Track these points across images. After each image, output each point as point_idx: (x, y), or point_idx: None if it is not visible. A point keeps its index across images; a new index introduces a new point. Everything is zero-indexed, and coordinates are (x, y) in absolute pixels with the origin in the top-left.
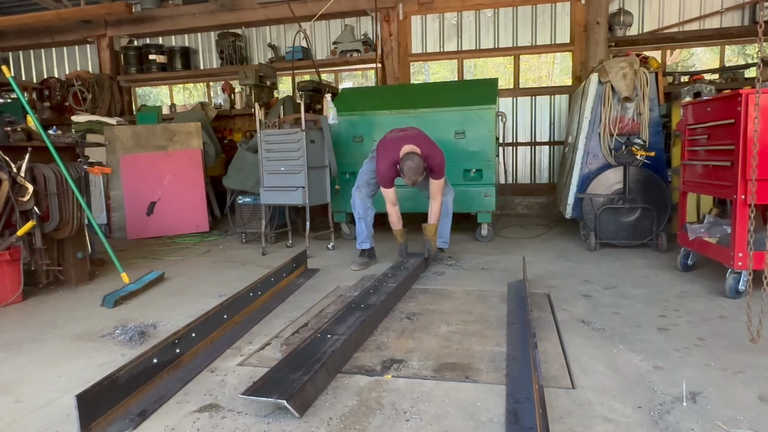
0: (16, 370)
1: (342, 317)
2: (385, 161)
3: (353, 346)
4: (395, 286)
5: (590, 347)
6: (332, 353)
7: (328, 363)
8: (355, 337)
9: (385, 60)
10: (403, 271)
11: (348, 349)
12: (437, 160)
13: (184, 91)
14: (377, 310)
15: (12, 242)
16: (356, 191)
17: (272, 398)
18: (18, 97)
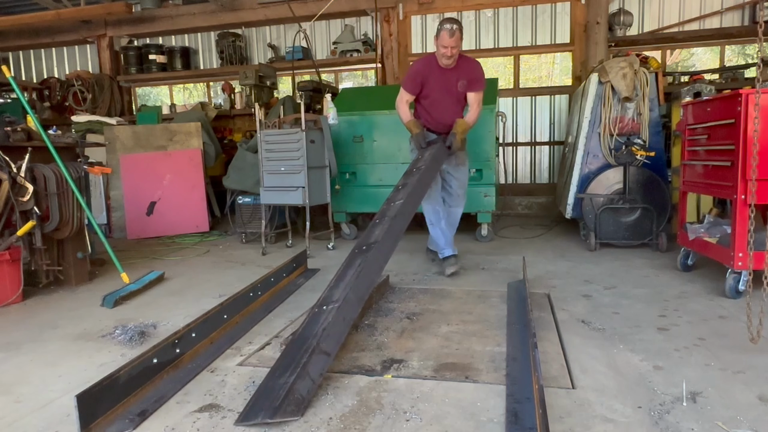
0: (16, 370)
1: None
2: (415, 63)
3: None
4: (422, 171)
5: (590, 347)
6: (327, 326)
7: (321, 344)
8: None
9: (385, 60)
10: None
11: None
12: (477, 67)
13: (184, 91)
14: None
15: (12, 242)
16: (428, 205)
17: (258, 419)
18: (18, 97)
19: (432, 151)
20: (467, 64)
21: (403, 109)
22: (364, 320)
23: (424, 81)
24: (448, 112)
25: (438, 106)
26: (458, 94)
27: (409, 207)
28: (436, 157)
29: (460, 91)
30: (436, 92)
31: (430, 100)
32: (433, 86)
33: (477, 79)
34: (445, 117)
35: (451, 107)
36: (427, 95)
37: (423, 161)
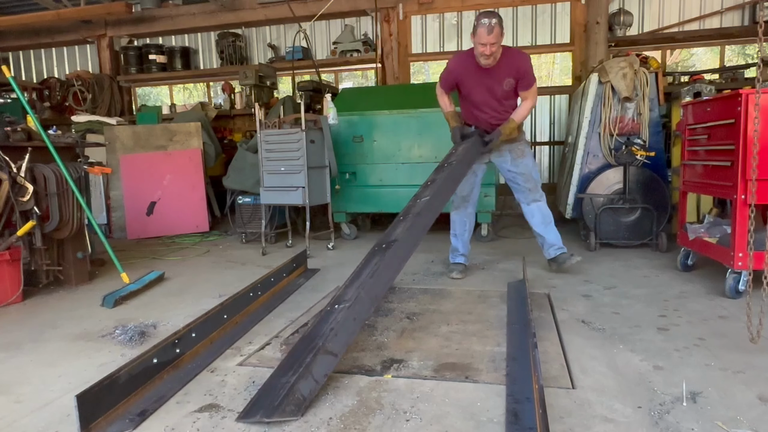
0: (16, 370)
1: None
2: (451, 60)
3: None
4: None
5: (590, 347)
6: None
7: (327, 344)
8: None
9: (385, 60)
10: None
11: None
12: (525, 61)
13: (184, 91)
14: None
15: (12, 242)
16: (454, 211)
17: (257, 417)
18: (18, 97)
19: (466, 145)
20: (511, 60)
21: (442, 100)
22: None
23: (460, 81)
24: (494, 114)
25: (481, 108)
26: (504, 93)
27: (435, 204)
28: (469, 152)
29: (506, 90)
30: (477, 94)
31: (472, 102)
32: (473, 87)
33: (524, 75)
34: (492, 119)
35: (497, 109)
36: (467, 96)
37: (455, 156)
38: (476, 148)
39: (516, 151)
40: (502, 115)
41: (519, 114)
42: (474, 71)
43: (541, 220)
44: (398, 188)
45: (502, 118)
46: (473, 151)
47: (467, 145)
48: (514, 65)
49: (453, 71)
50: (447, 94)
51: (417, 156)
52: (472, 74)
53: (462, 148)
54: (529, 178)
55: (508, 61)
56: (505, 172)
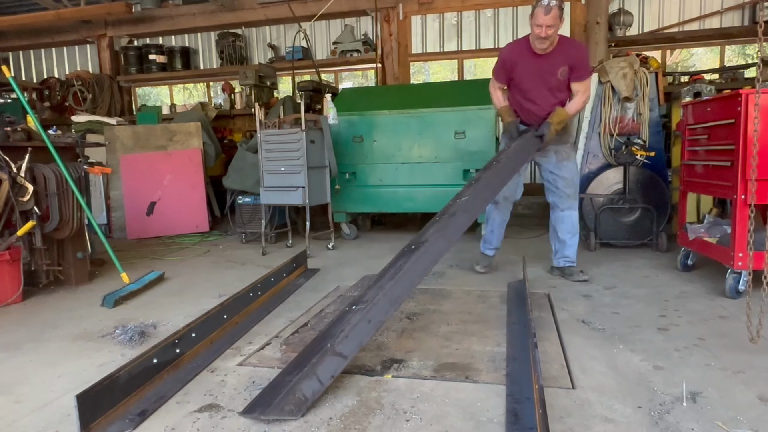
0: (16, 370)
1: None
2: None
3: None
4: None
5: (590, 347)
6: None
7: (336, 346)
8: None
9: (385, 60)
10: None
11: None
12: (582, 51)
13: (184, 91)
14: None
15: (12, 242)
16: (493, 205)
17: (256, 413)
18: (18, 97)
19: (520, 141)
20: (568, 48)
21: (495, 95)
22: None
23: (513, 69)
24: (544, 106)
25: (532, 98)
26: (558, 83)
27: (474, 205)
28: (523, 148)
29: (560, 79)
30: (529, 82)
31: (522, 90)
32: (525, 75)
33: (580, 64)
34: (541, 111)
35: (548, 100)
36: (518, 85)
37: (505, 154)
38: (530, 144)
39: (562, 152)
40: (552, 108)
41: (571, 106)
42: (528, 58)
43: (569, 229)
44: (398, 188)
45: (552, 110)
46: (527, 148)
47: (521, 141)
48: (570, 54)
49: (507, 59)
50: (501, 88)
51: (417, 156)
52: (526, 61)
53: (515, 144)
54: (571, 183)
55: (564, 49)
56: (546, 173)
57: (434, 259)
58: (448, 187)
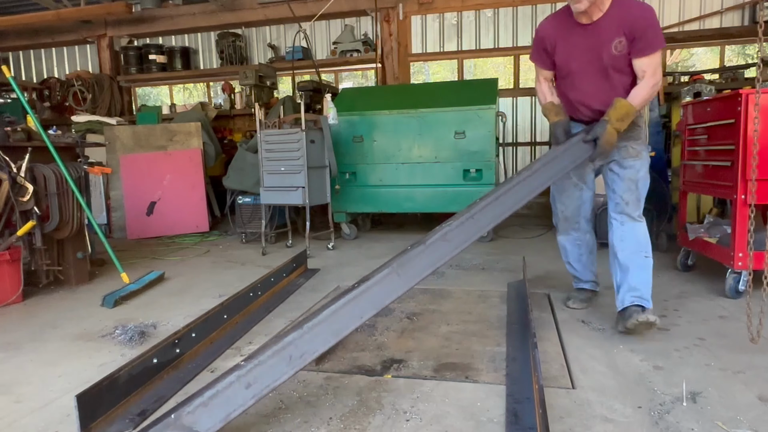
0: (16, 370)
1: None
2: (542, 23)
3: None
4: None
5: (590, 347)
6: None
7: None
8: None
9: (385, 60)
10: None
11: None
12: (645, 13)
13: (184, 91)
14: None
15: (12, 242)
16: (560, 235)
17: None
18: (18, 97)
19: (565, 146)
20: (626, 11)
21: (540, 89)
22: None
23: (553, 48)
24: (597, 95)
25: (579, 85)
26: (613, 61)
27: (486, 215)
28: (565, 156)
29: (615, 54)
30: (574, 63)
31: (566, 76)
32: (569, 54)
33: (644, 32)
34: (595, 103)
35: (602, 86)
36: (561, 68)
37: (541, 161)
38: (576, 152)
39: (627, 149)
40: (608, 95)
41: (637, 94)
42: (570, 31)
43: (633, 249)
44: (398, 188)
45: (608, 100)
46: (570, 156)
47: (566, 146)
48: (628, 18)
49: (544, 36)
50: (547, 79)
51: (417, 156)
52: (568, 35)
53: (555, 150)
54: (632, 187)
55: (619, 14)
56: (606, 173)
57: (421, 274)
58: (448, 187)
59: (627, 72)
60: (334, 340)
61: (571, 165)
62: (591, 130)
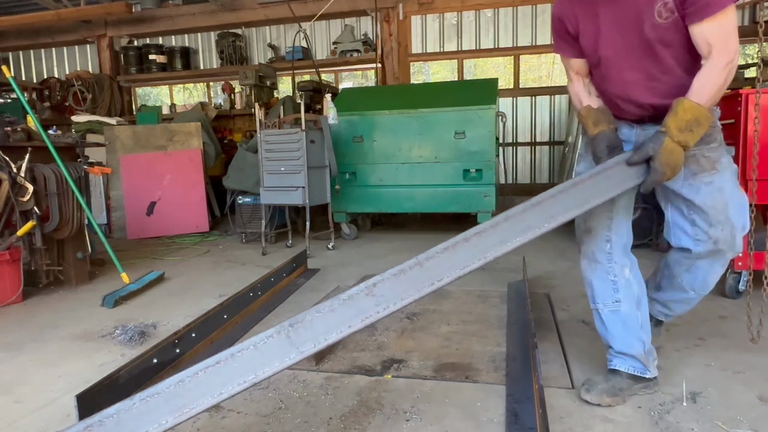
0: (16, 370)
1: None
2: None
3: None
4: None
5: (590, 347)
6: None
7: None
8: None
9: (385, 60)
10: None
11: None
12: None
13: (184, 91)
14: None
15: (12, 242)
16: (583, 259)
17: None
18: (18, 97)
19: (600, 169)
20: None
21: (573, 90)
22: None
23: (576, 29)
24: (642, 82)
25: (616, 72)
26: (658, 33)
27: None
28: (600, 182)
29: (661, 23)
30: (606, 44)
31: (597, 63)
32: (596, 34)
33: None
34: (639, 92)
35: (647, 69)
36: (591, 56)
37: (564, 186)
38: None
39: (698, 161)
40: (662, 82)
41: (703, 85)
42: (595, 9)
43: (698, 284)
44: (398, 188)
45: (663, 89)
46: (605, 181)
47: (601, 168)
48: None
49: (561, 14)
50: (579, 73)
51: (417, 156)
52: (592, 8)
53: (592, 171)
54: (720, 217)
55: None
56: (671, 196)
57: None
58: (448, 187)
59: (683, 45)
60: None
61: (601, 198)
62: (641, 147)
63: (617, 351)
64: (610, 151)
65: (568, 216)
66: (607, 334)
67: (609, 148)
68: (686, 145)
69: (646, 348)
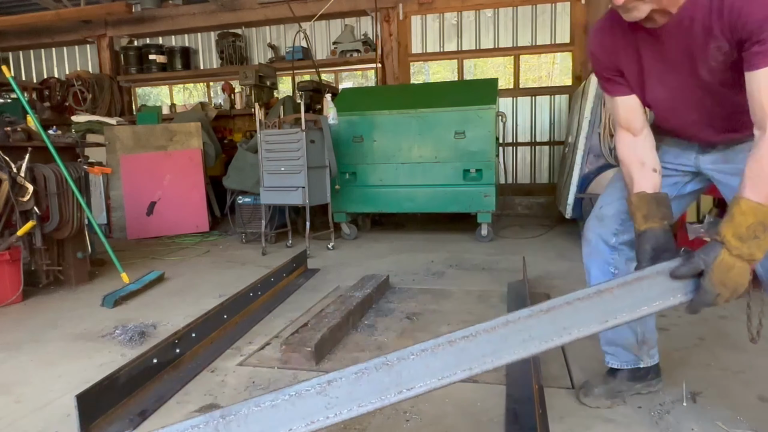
0: (16, 370)
1: None
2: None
3: None
4: None
5: (590, 347)
6: None
7: None
8: None
9: (385, 60)
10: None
11: None
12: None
13: (184, 91)
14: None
15: (12, 242)
16: (587, 249)
17: None
18: (18, 97)
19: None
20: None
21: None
22: (364, 320)
23: (615, 62)
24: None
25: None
26: (715, 76)
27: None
28: (636, 293)
29: (717, 67)
30: (657, 88)
31: (650, 105)
32: (643, 77)
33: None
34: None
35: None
36: (639, 95)
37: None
38: (656, 288)
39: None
40: (723, 122)
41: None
42: (635, 43)
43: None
44: (398, 188)
45: (730, 126)
46: (641, 293)
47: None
48: (727, 13)
49: (599, 58)
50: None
51: (417, 156)
52: (635, 49)
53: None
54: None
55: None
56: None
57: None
58: (448, 187)
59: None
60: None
61: (631, 315)
62: (690, 258)
63: (608, 341)
64: (656, 255)
65: (585, 331)
66: (620, 339)
67: (655, 251)
68: (752, 258)
69: (638, 338)
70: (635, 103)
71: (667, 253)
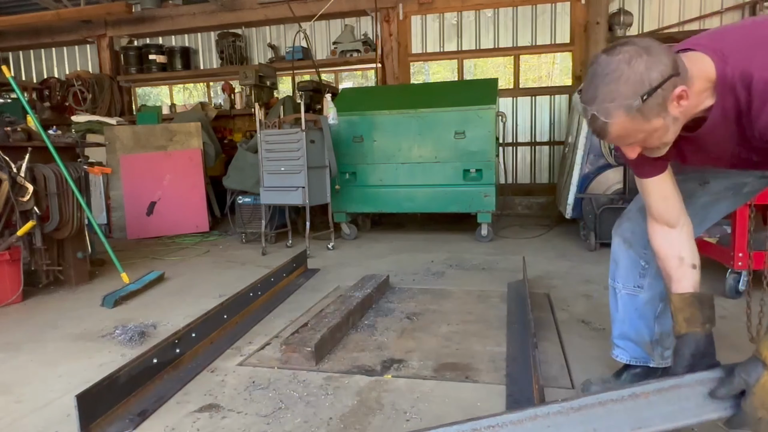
0: (16, 370)
1: None
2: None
3: None
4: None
5: (590, 347)
6: None
7: None
8: None
9: (385, 60)
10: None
11: None
12: None
13: (184, 91)
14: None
15: (12, 242)
16: (617, 240)
17: None
18: (18, 97)
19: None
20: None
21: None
22: (364, 320)
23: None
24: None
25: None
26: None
27: None
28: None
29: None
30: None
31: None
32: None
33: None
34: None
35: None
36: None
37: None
38: (692, 398)
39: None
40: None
41: None
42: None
43: None
44: (398, 188)
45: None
46: (680, 401)
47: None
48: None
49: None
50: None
51: (417, 156)
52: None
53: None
54: None
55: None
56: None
57: None
58: (448, 187)
59: None
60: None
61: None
62: (729, 378)
63: (621, 334)
64: (695, 361)
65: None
66: (616, 314)
67: (694, 357)
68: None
69: (653, 338)
70: (670, 190)
71: (706, 358)
